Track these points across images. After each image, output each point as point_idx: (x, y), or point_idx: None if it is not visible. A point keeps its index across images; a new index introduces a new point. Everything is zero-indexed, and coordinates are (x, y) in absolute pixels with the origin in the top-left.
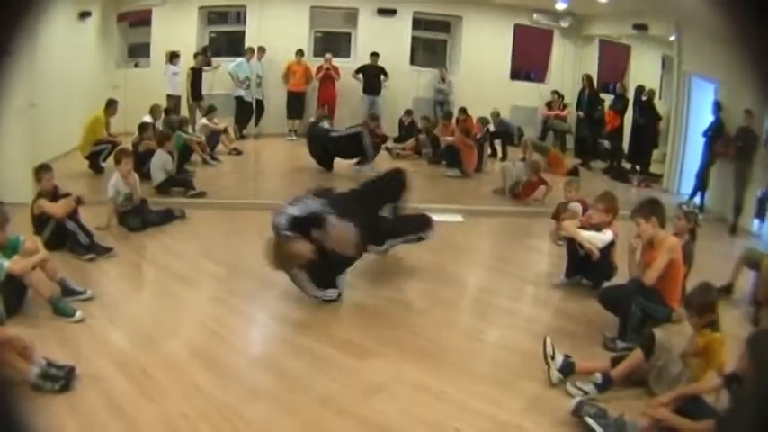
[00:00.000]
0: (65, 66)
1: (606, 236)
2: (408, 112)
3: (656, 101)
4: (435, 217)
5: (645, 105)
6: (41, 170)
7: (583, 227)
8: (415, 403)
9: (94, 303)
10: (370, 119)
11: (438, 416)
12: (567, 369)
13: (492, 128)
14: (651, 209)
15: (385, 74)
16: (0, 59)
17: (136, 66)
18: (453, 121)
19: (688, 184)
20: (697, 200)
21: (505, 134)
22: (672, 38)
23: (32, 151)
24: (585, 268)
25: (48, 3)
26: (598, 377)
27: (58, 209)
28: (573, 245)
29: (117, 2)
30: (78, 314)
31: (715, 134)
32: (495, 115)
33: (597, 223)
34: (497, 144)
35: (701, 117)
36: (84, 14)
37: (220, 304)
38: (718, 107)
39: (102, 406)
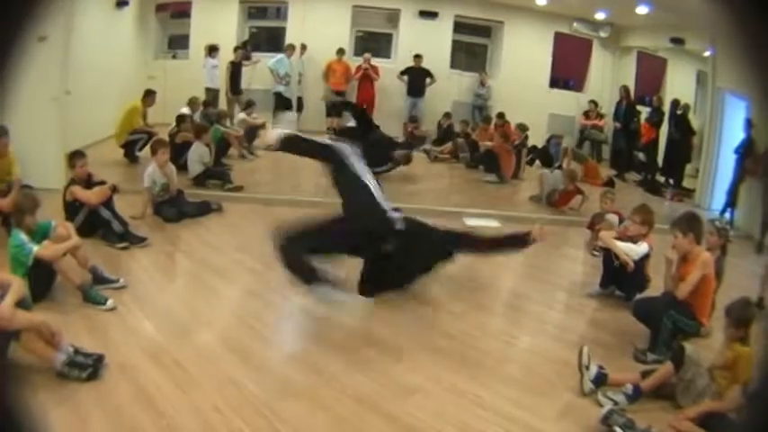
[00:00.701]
0: (101, 54)
1: (642, 248)
2: (447, 116)
3: (691, 115)
4: (472, 221)
5: (680, 119)
6: (75, 156)
7: (619, 238)
8: (449, 406)
9: (126, 292)
10: (410, 121)
11: (471, 419)
12: (600, 380)
13: (539, 145)
14: (690, 223)
15: (431, 76)
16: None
17: (174, 57)
18: (492, 125)
19: (719, 199)
20: (727, 216)
21: (545, 154)
22: (707, 53)
23: (65, 138)
24: (619, 279)
25: None
26: (629, 388)
27: (92, 196)
28: (609, 255)
29: None
30: (110, 302)
31: (746, 151)
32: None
33: (634, 235)
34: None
35: (734, 133)
36: (121, 3)
37: (256, 298)
38: (749, 124)
39: (132, 396)
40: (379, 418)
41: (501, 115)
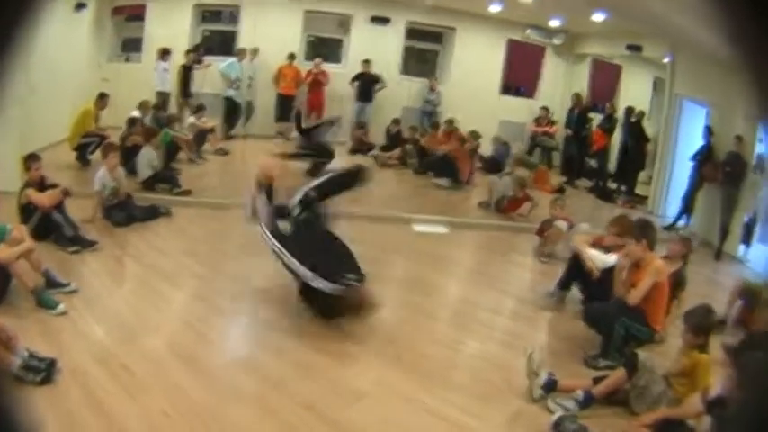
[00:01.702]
0: (58, 56)
1: (610, 259)
2: (396, 121)
3: (645, 123)
4: (420, 227)
5: (634, 126)
6: (30, 159)
7: (594, 246)
8: (396, 412)
9: (77, 296)
10: (358, 126)
11: (418, 426)
12: (550, 386)
13: (486, 152)
14: (643, 230)
15: (380, 81)
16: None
17: (127, 60)
18: (440, 131)
19: (673, 206)
20: (682, 222)
21: (492, 161)
22: (666, 60)
23: (22, 141)
24: (583, 283)
25: None
26: (580, 394)
27: (45, 199)
28: (577, 259)
29: None
30: (61, 307)
31: (704, 158)
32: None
33: (608, 245)
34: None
35: (691, 140)
36: (80, 6)
37: (203, 303)
38: (709, 132)
39: (83, 401)
40: (327, 424)
41: (450, 121)
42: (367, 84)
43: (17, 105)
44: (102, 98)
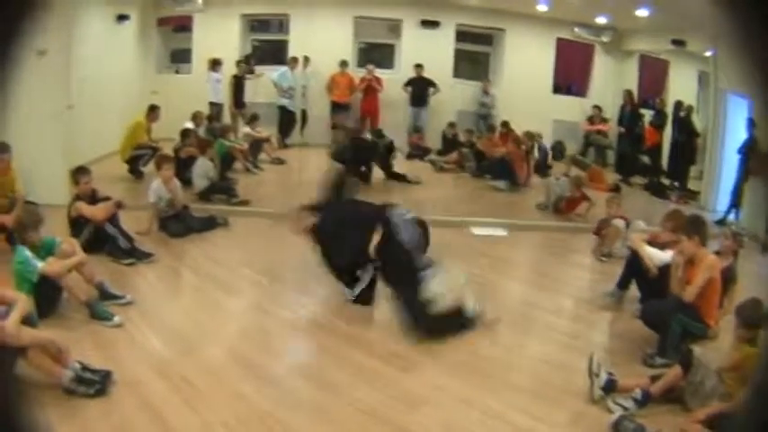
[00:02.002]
0: (102, 69)
1: (666, 255)
2: (452, 125)
3: (694, 117)
4: (479, 230)
5: (683, 121)
6: (79, 173)
7: (650, 243)
8: (458, 416)
9: (133, 308)
10: (414, 131)
11: (481, 429)
12: (610, 387)
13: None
14: (695, 226)
15: (434, 85)
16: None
17: (177, 71)
18: (497, 134)
19: (724, 200)
20: (732, 217)
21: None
22: (708, 53)
23: (69, 153)
24: (641, 281)
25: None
26: (638, 393)
27: (98, 212)
28: (635, 258)
29: (156, 6)
30: (117, 319)
31: (749, 151)
32: (538, 137)
33: (665, 242)
34: None
35: (737, 134)
36: (121, 17)
37: (262, 312)
38: (751, 124)
39: (139, 412)
40: (387, 430)
41: (505, 123)
42: (420, 88)
43: (57, 120)
44: (154, 110)
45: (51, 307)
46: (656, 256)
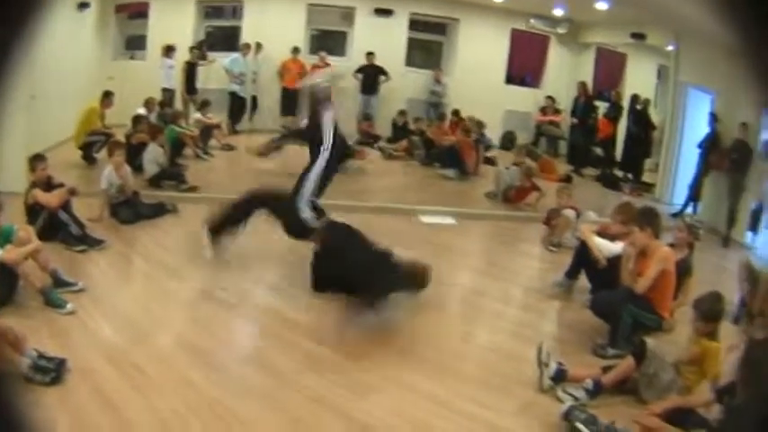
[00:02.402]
0: (62, 56)
1: (616, 247)
2: (402, 113)
3: (651, 110)
4: (428, 218)
5: (639, 114)
6: (36, 160)
7: (600, 234)
8: (407, 405)
9: (86, 295)
10: (364, 118)
11: (429, 418)
12: (560, 376)
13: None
14: (647, 218)
15: (384, 73)
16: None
17: (132, 58)
18: (447, 122)
19: (680, 193)
20: (690, 210)
21: None
22: (669, 48)
23: (28, 141)
24: (591, 273)
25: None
26: (589, 383)
27: (51, 199)
28: (584, 247)
29: None
30: (69, 306)
31: (710, 145)
32: (479, 125)
33: (615, 234)
34: None
35: (696, 128)
36: (83, 5)
37: (211, 299)
38: (714, 118)
39: (93, 400)
40: (337, 417)
41: (456, 112)
42: (371, 76)
43: (19, 110)
44: (108, 96)
45: (9, 294)
46: (606, 248)
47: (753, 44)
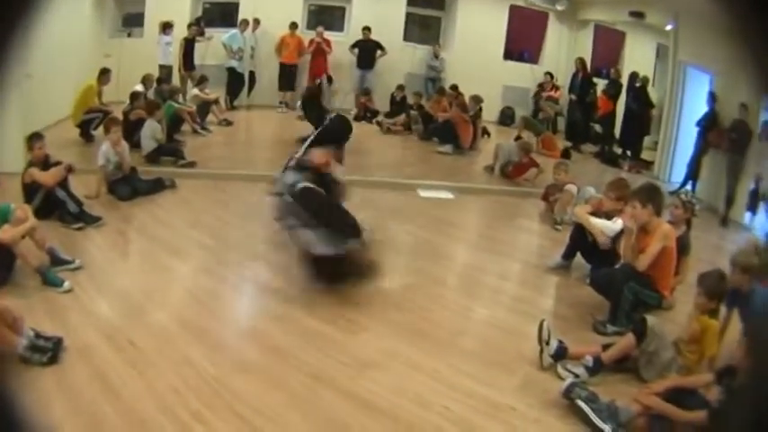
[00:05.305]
0: (59, 34)
1: (617, 225)
2: (400, 88)
3: (650, 88)
4: (426, 193)
5: (638, 92)
6: (33, 139)
7: (593, 213)
8: (406, 381)
9: (83, 273)
10: (362, 93)
11: (429, 394)
12: (560, 354)
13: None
14: (649, 195)
15: (381, 48)
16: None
17: (129, 35)
18: (445, 97)
19: (679, 172)
20: (689, 188)
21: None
22: (668, 27)
23: (25, 120)
24: (589, 253)
25: None
26: (589, 360)
27: (48, 177)
28: (579, 229)
29: None
30: (66, 284)
31: (708, 124)
32: (477, 100)
33: (608, 211)
34: None
35: (695, 107)
36: None
37: (209, 275)
38: (712, 98)
39: (90, 379)
40: (336, 394)
41: (454, 87)
42: (367, 51)
43: (15, 89)
44: (105, 73)
45: (6, 274)
46: (607, 228)
47: (750, 29)
